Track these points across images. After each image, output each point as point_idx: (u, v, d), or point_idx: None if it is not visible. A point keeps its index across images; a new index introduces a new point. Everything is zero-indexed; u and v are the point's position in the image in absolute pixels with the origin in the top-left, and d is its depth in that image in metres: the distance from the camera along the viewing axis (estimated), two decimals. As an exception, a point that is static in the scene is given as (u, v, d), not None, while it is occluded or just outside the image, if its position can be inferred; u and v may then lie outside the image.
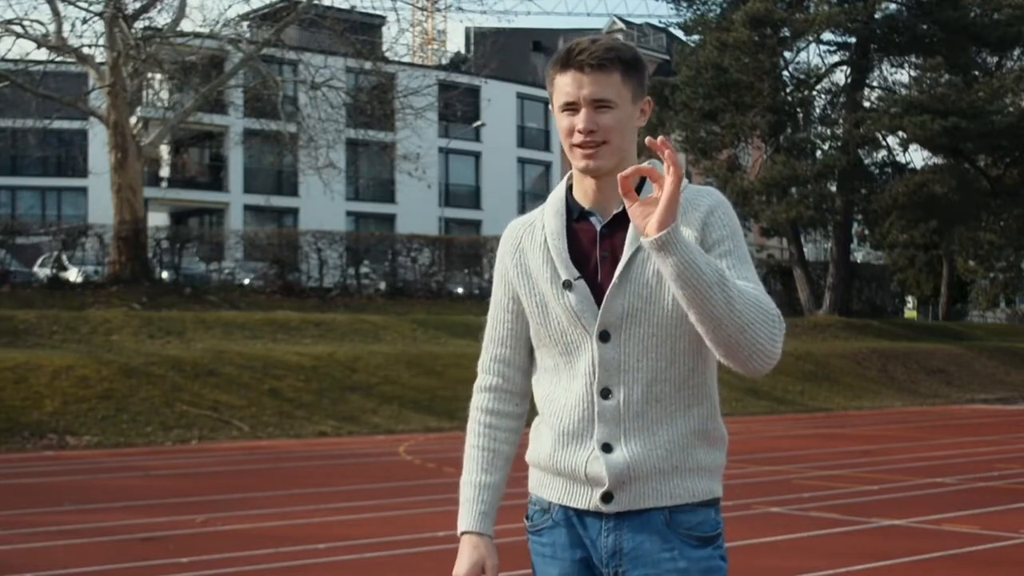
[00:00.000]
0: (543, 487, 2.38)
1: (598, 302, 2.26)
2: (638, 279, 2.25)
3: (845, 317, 31.93)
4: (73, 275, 23.83)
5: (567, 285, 2.28)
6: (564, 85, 2.27)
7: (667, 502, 2.26)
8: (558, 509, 2.35)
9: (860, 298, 35.89)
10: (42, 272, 24.70)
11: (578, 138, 2.25)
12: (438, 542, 7.68)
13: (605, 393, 2.27)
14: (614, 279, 2.25)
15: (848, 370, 26.04)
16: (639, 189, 2.28)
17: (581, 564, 2.33)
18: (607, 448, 2.26)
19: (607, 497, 2.27)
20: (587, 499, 2.29)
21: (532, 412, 2.51)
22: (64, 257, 24.18)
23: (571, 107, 2.27)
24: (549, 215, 2.36)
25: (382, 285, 27.40)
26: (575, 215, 2.34)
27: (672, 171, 2.04)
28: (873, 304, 36.75)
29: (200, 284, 25.58)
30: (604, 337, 2.26)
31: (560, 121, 2.29)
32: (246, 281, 26.66)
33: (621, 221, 2.29)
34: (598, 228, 2.31)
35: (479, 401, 2.48)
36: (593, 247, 2.30)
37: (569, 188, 2.37)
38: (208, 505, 9.39)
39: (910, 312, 51.05)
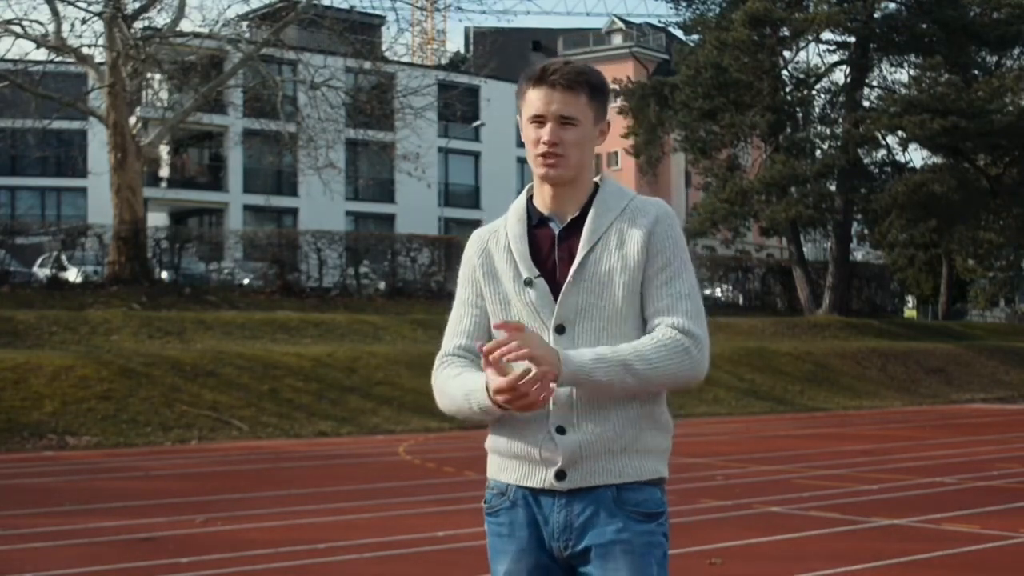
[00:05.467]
0: (501, 471, 2.57)
1: (555, 299, 2.50)
2: (591, 277, 2.49)
3: (845, 317, 31.91)
4: (73, 275, 23.80)
5: (528, 283, 2.52)
6: (535, 99, 2.50)
7: (616, 480, 2.47)
8: (515, 490, 2.54)
9: (860, 297, 35.86)
10: (42, 272, 24.64)
11: (542, 148, 2.49)
12: (438, 542, 7.68)
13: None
14: (569, 277, 2.49)
15: (848, 370, 26.02)
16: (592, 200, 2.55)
17: (535, 541, 2.52)
18: (560, 430, 2.47)
19: (560, 475, 2.47)
20: (542, 478, 2.50)
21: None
22: (64, 257, 24.15)
23: (539, 120, 2.50)
24: (512, 221, 2.60)
25: (382, 285, 27.38)
26: (535, 221, 2.58)
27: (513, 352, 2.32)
28: (873, 304, 36.73)
29: (200, 284, 25.57)
30: (560, 330, 2.49)
31: (527, 132, 2.53)
32: (245, 281, 26.64)
33: (577, 225, 2.54)
34: (556, 232, 2.55)
35: (443, 367, 2.63)
36: (552, 249, 2.54)
37: (530, 198, 2.61)
38: (208, 505, 9.38)
39: (910, 311, 50.98)
